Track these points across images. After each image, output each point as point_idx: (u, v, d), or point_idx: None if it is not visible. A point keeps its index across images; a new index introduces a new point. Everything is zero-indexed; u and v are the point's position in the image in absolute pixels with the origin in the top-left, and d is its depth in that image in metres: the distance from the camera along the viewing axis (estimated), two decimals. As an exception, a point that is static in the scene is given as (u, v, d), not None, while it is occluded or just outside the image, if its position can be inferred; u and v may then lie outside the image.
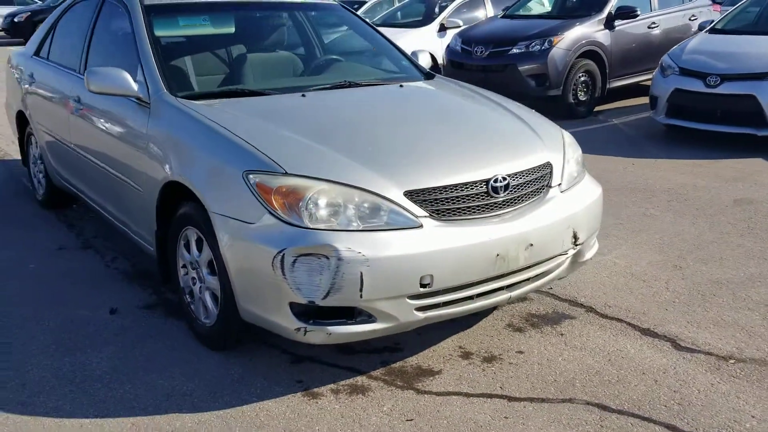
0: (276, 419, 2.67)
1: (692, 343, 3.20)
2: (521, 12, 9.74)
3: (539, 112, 3.83)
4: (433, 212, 2.77)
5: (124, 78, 3.42)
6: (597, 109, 8.80)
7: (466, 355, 3.14)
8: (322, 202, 2.67)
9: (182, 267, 3.27)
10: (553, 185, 3.15)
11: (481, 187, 2.88)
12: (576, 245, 3.17)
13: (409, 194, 2.75)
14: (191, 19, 4.03)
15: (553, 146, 3.30)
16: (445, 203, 2.80)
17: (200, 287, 3.14)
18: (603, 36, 8.61)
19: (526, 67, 8.34)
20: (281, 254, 2.60)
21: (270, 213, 2.68)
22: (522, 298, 3.66)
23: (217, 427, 2.63)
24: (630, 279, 3.90)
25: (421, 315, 2.77)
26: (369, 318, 2.70)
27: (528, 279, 3.05)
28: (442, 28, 10.85)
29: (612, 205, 5.11)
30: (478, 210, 2.87)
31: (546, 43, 8.32)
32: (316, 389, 2.87)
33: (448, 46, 9.63)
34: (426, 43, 10.74)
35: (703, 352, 3.13)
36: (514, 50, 8.48)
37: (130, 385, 2.91)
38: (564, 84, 8.36)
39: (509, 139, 3.25)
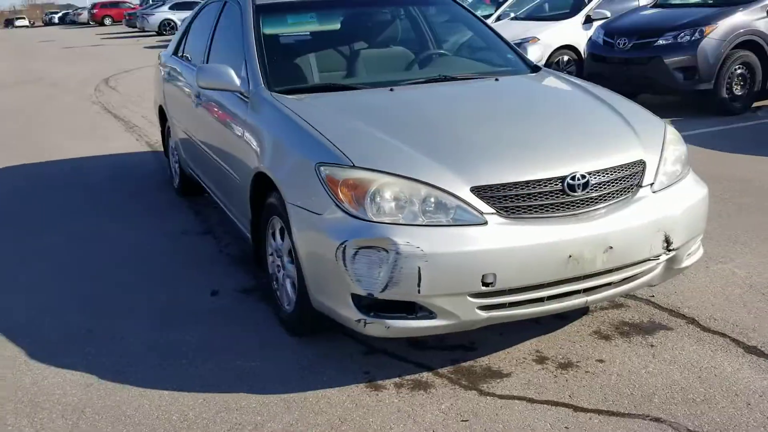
0: (334, 407, 2.72)
1: (803, 367, 2.86)
2: (675, 1, 9.09)
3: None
4: (501, 209, 2.68)
5: (228, 74, 3.62)
6: (756, 104, 8.05)
7: (541, 359, 3.01)
8: (388, 195, 2.68)
9: (270, 254, 3.42)
10: (644, 185, 2.94)
11: (557, 184, 2.75)
12: (669, 250, 2.93)
13: (476, 190, 2.68)
14: (299, 16, 4.18)
15: (651, 143, 3.07)
16: (514, 200, 2.71)
17: (283, 274, 3.26)
18: (765, 24, 7.84)
19: (673, 59, 7.79)
20: (343, 246, 2.64)
21: (336, 205, 2.73)
22: (617, 305, 3.46)
23: (278, 409, 2.72)
24: (747, 291, 3.55)
25: (483, 314, 2.70)
26: (429, 314, 2.67)
27: (609, 284, 2.87)
28: (588, 20, 10.42)
29: (745, 210, 4.67)
30: (552, 208, 2.74)
31: (696, 34, 7.73)
32: (380, 381, 2.89)
33: (589, 38, 9.23)
34: (570, 35, 10.40)
35: (814, 377, 2.78)
36: (660, 41, 7.96)
37: (211, 364, 3.09)
38: (716, 78, 7.72)
39: (599, 136, 3.07)
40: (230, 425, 2.64)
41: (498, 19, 12.70)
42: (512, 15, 12.33)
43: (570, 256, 2.68)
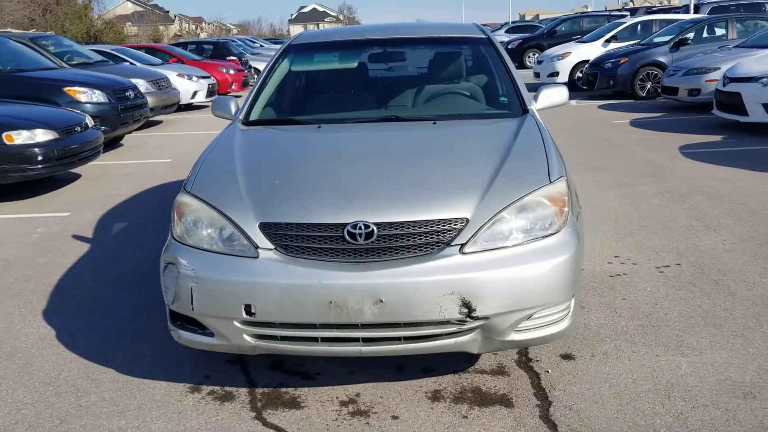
0: (144, 396, 3.15)
1: (581, 481, 2.42)
2: None
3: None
4: (281, 246, 2.83)
5: (228, 105, 4.24)
6: None
7: (348, 402, 3.02)
8: (195, 221, 3.02)
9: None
10: (453, 244, 2.76)
11: (337, 231, 2.79)
12: (472, 317, 2.71)
13: (263, 226, 2.87)
14: (324, 55, 4.59)
15: (493, 204, 2.84)
16: (295, 240, 2.83)
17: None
18: None
19: None
20: (161, 259, 3.08)
21: (170, 223, 3.16)
22: (501, 371, 3.21)
23: (113, 387, 3.25)
24: (657, 391, 2.97)
25: (252, 341, 2.87)
26: (211, 332, 2.95)
27: (393, 339, 2.78)
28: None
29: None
30: (330, 253, 2.79)
31: None
32: (203, 386, 3.22)
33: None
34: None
35: (574, 494, 2.35)
36: None
37: (123, 345, 3.70)
38: None
39: (425, 190, 2.92)
40: (72, 388, 3.25)
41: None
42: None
43: (331, 302, 2.71)
